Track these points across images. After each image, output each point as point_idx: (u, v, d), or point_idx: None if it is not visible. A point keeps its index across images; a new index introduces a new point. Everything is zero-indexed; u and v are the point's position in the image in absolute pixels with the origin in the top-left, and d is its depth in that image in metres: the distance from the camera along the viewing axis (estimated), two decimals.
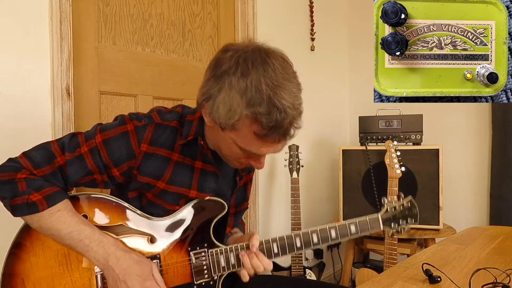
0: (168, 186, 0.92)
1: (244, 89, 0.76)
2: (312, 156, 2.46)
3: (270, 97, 0.75)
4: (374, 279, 0.88)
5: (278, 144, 0.83)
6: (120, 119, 0.91)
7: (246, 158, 0.88)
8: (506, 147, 2.06)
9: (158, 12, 1.69)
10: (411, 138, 2.00)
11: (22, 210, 0.83)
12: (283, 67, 0.80)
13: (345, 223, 0.96)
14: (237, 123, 0.79)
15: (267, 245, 0.93)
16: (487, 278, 0.80)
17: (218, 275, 0.92)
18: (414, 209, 1.02)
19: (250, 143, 0.82)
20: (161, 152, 0.91)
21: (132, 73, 1.59)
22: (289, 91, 0.79)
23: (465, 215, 2.27)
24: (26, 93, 1.26)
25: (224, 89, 0.79)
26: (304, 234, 0.95)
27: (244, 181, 1.09)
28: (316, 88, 2.49)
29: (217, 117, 0.81)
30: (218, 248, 0.93)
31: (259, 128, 0.78)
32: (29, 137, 1.26)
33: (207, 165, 0.95)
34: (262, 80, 0.76)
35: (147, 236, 0.90)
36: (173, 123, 0.93)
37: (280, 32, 2.22)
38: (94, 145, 0.88)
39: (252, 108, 0.76)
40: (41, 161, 0.85)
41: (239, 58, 0.79)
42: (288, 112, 0.78)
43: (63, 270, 0.86)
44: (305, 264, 2.12)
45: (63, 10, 1.31)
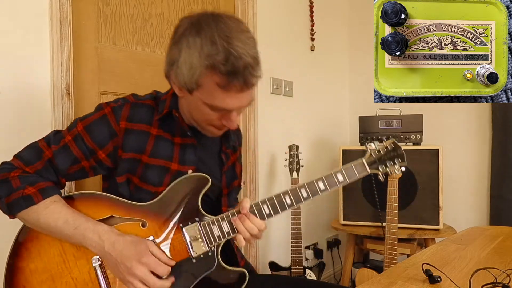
0: (150, 159, 0.95)
1: (200, 45, 0.81)
2: (312, 156, 2.46)
3: (224, 46, 0.80)
4: (374, 279, 0.88)
5: (242, 94, 0.85)
6: (97, 107, 0.97)
7: (219, 119, 0.91)
8: (506, 147, 2.06)
9: (158, 12, 1.69)
10: (411, 138, 2.00)
11: (19, 205, 0.86)
12: (234, 22, 0.85)
13: (332, 173, 0.98)
14: (200, 79, 0.83)
15: (258, 207, 0.95)
16: (487, 278, 0.80)
17: (214, 245, 0.93)
18: (399, 149, 1.03)
19: (216, 96, 0.85)
20: (139, 127, 0.94)
21: (132, 73, 1.59)
22: (243, 41, 0.82)
23: (465, 215, 2.27)
24: (26, 93, 1.26)
25: (183, 50, 0.84)
26: (292, 191, 0.97)
27: (232, 161, 1.11)
28: (316, 88, 2.49)
29: (182, 79, 0.86)
30: (210, 219, 0.94)
31: (220, 77, 0.81)
32: (29, 137, 1.25)
33: (185, 138, 0.99)
34: (215, 33, 0.81)
35: (138, 221, 0.92)
36: (148, 102, 0.98)
37: (280, 32, 2.22)
38: (76, 133, 0.92)
39: (210, 59, 0.80)
40: (31, 158, 0.90)
41: (192, 20, 0.86)
42: (244, 58, 0.81)
43: (62, 270, 0.87)
44: (305, 264, 2.12)
45: (63, 10, 1.31)
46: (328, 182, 0.98)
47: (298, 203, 0.97)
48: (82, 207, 0.91)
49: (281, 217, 2.23)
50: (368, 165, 1.01)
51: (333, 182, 0.98)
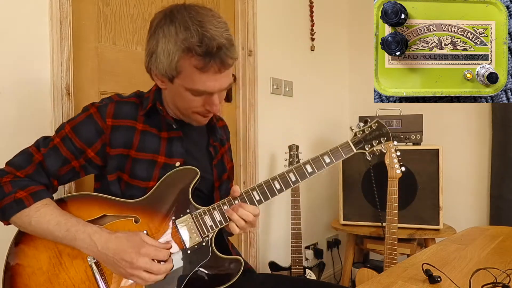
0: (138, 153, 0.96)
1: (175, 32, 0.85)
2: (312, 156, 2.45)
3: (198, 30, 0.84)
4: (374, 279, 0.88)
5: (220, 76, 0.89)
6: (83, 108, 0.99)
7: (202, 105, 0.94)
8: (506, 147, 2.06)
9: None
10: (411, 138, 2.00)
11: (11, 209, 0.87)
12: (205, 10, 0.89)
13: (318, 156, 1.01)
14: (178, 64, 0.87)
15: (248, 194, 0.96)
16: (487, 278, 0.80)
17: (208, 235, 0.94)
18: (383, 128, 1.06)
19: (195, 80, 0.88)
20: (126, 123, 0.97)
21: (132, 73, 1.59)
22: (215, 24, 0.86)
23: (465, 215, 2.27)
24: (26, 93, 1.26)
25: (160, 40, 0.88)
26: (280, 176, 0.99)
27: (220, 153, 1.13)
28: (316, 88, 2.49)
29: (162, 67, 0.89)
30: (201, 209, 0.95)
31: (196, 59, 0.85)
32: (29, 137, 1.25)
33: (171, 132, 1.00)
34: (188, 20, 0.85)
35: (131, 218, 0.93)
36: (132, 99, 1.01)
37: (280, 32, 2.22)
38: (64, 134, 0.94)
39: (185, 43, 0.84)
40: (22, 163, 0.92)
41: (165, 11, 0.90)
42: (218, 39, 0.84)
43: (58, 271, 0.88)
44: (305, 264, 2.12)
45: (63, 10, 1.31)
46: (316, 165, 1.00)
47: (287, 187, 0.99)
48: (74, 208, 0.92)
49: (281, 217, 2.23)
50: (353, 145, 1.04)
51: (321, 165, 1.01)
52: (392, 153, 1.74)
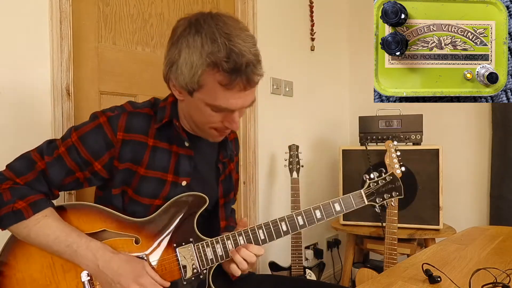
0: (147, 171, 0.92)
1: (201, 44, 0.80)
2: (312, 156, 2.46)
3: (226, 44, 0.79)
4: (374, 279, 0.88)
5: (245, 93, 0.84)
6: (92, 115, 0.93)
7: (221, 121, 0.89)
8: (506, 147, 2.06)
9: (158, 12, 1.69)
10: (411, 138, 2.00)
11: (9, 219, 0.83)
12: (233, 21, 0.84)
13: (329, 202, 0.99)
14: (201, 78, 0.82)
15: (253, 232, 0.94)
16: (487, 278, 0.80)
17: (207, 268, 0.92)
18: (397, 182, 1.05)
19: (218, 96, 0.83)
20: (137, 138, 0.92)
21: (132, 73, 1.59)
22: (243, 38, 0.81)
23: (465, 215, 2.27)
24: (26, 93, 1.26)
25: (183, 50, 0.82)
26: (289, 217, 0.96)
27: (228, 170, 1.09)
28: (316, 88, 2.49)
29: (183, 80, 0.84)
30: (204, 241, 0.93)
31: (222, 75, 0.80)
32: (29, 137, 1.26)
33: (181, 148, 0.96)
34: (216, 31, 0.80)
35: (131, 238, 0.90)
36: (145, 110, 0.95)
37: (280, 32, 2.22)
38: (70, 144, 0.89)
39: (211, 57, 0.79)
40: (22, 169, 0.87)
41: (191, 20, 0.84)
42: (246, 55, 0.80)
43: (49, 282, 0.85)
44: (305, 264, 2.12)
45: (63, 10, 1.31)
46: (326, 212, 0.98)
47: (294, 230, 0.96)
48: (74, 218, 0.89)
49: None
50: (366, 196, 1.02)
51: (331, 212, 0.99)
52: (392, 153, 1.74)
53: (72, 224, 0.88)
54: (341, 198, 1.00)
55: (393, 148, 1.75)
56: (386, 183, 1.04)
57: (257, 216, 2.08)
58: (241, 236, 0.93)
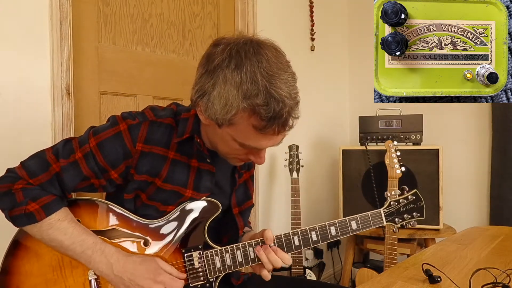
0: (164, 184, 0.90)
1: (239, 82, 0.75)
2: (312, 156, 2.46)
3: (266, 88, 0.74)
4: (374, 279, 0.88)
5: (277, 136, 0.81)
6: (112, 120, 0.90)
7: (246, 154, 0.86)
8: (506, 147, 2.06)
9: (158, 12, 1.69)
10: (411, 138, 2.00)
11: (22, 221, 0.83)
12: (276, 57, 0.78)
13: (346, 220, 0.94)
14: (234, 118, 0.77)
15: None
16: (487, 278, 0.80)
17: (214, 277, 0.91)
18: (420, 202, 1.01)
19: (249, 137, 0.80)
20: (156, 150, 0.89)
21: (132, 73, 1.59)
22: (285, 80, 0.76)
23: (465, 215, 2.27)
24: (26, 93, 1.26)
25: (219, 83, 0.77)
26: (302, 232, 0.93)
27: (243, 179, 1.07)
28: (316, 88, 2.49)
29: (213, 113, 0.79)
30: (213, 249, 0.91)
31: (257, 120, 0.76)
32: (29, 137, 1.26)
33: (202, 163, 0.93)
34: (257, 71, 0.74)
35: (141, 239, 0.89)
36: (168, 120, 0.91)
37: (280, 32, 2.21)
38: (88, 150, 0.86)
39: (249, 100, 0.74)
40: (36, 170, 0.84)
41: (231, 50, 0.77)
42: (286, 101, 0.75)
43: (57, 276, 0.85)
44: (305, 264, 2.12)
45: (63, 10, 1.31)
46: (341, 230, 0.93)
47: (306, 246, 0.93)
48: (86, 214, 0.89)
49: (281, 217, 2.23)
50: (385, 216, 0.97)
51: (346, 231, 0.94)
52: (392, 153, 1.74)
53: (83, 220, 0.88)
54: (359, 216, 0.95)
55: (393, 148, 1.75)
56: (407, 203, 1.00)
57: (257, 216, 2.08)
58: (251, 247, 0.91)
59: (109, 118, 0.91)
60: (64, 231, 0.83)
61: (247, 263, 0.91)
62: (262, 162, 0.88)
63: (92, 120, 1.47)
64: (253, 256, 0.91)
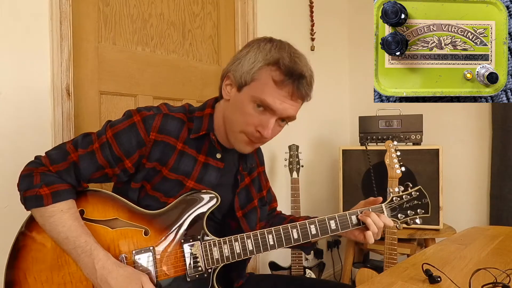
0: (169, 173, 0.94)
1: (269, 49, 0.90)
2: (312, 156, 2.46)
3: (291, 55, 0.89)
4: (374, 279, 0.88)
5: (289, 101, 0.90)
6: (127, 113, 0.96)
7: (255, 124, 0.91)
8: (506, 147, 2.06)
9: (158, 12, 1.69)
10: (411, 138, 2.00)
11: (31, 202, 0.87)
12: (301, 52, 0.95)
13: (346, 214, 0.98)
14: (258, 72, 0.89)
15: (262, 237, 0.93)
16: (487, 278, 0.80)
17: (212, 267, 0.92)
18: (424, 199, 1.00)
19: (267, 90, 0.88)
20: (168, 140, 0.94)
21: (132, 73, 1.59)
22: (306, 62, 0.92)
23: (465, 215, 2.27)
24: (26, 93, 1.26)
25: (252, 50, 0.92)
26: (301, 226, 0.95)
27: (245, 183, 1.08)
28: (316, 88, 2.48)
29: (240, 72, 0.91)
30: (212, 240, 0.93)
31: (277, 72, 0.87)
32: (29, 137, 1.26)
33: (211, 159, 0.98)
34: (286, 46, 0.92)
35: (142, 229, 0.91)
36: (180, 115, 0.97)
37: (280, 32, 2.20)
38: (105, 140, 0.92)
39: (274, 57, 0.88)
40: (56, 158, 0.91)
41: (266, 38, 0.96)
42: (304, 69, 0.89)
43: (61, 263, 0.88)
44: (305, 264, 2.12)
45: (63, 10, 1.31)
46: (341, 223, 0.96)
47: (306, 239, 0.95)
48: (90, 204, 0.93)
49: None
50: (387, 211, 0.98)
51: (346, 224, 0.97)
52: (392, 153, 1.74)
53: (87, 209, 0.92)
54: (359, 210, 0.97)
55: (393, 148, 1.75)
56: (411, 199, 0.99)
57: None
58: (250, 239, 0.93)
59: (125, 112, 0.97)
60: (63, 223, 0.86)
61: (245, 255, 0.93)
62: (268, 133, 0.92)
63: (92, 120, 1.47)
64: (251, 248, 0.93)
